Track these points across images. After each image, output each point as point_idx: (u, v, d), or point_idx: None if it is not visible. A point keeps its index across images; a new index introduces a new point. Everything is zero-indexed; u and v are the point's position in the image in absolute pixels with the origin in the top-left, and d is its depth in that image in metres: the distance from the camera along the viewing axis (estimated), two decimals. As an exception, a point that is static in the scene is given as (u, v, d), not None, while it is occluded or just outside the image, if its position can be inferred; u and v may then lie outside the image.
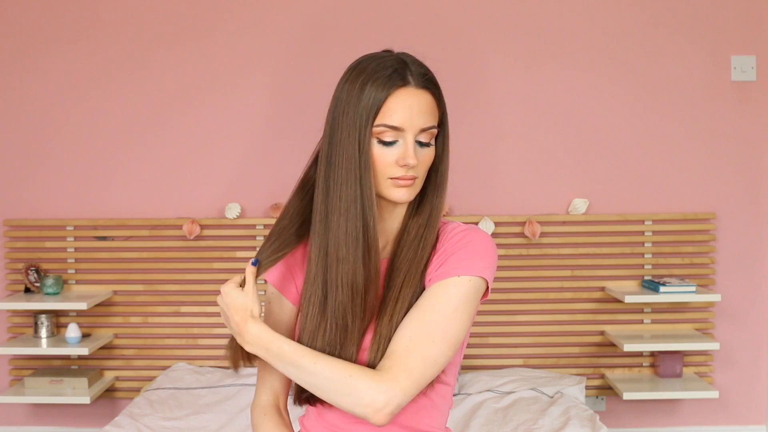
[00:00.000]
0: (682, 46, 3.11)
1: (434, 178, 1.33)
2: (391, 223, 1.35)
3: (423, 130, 1.26)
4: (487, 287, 1.30)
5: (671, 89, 3.12)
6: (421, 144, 1.27)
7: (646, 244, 3.11)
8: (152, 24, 3.13)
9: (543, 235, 3.10)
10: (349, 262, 1.26)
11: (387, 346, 1.25)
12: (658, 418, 3.18)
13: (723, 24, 3.11)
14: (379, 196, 1.29)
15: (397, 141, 1.25)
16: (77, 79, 3.15)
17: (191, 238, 3.10)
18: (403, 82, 1.25)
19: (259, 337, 1.24)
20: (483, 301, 1.31)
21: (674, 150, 3.13)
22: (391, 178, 1.26)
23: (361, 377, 1.21)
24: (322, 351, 1.27)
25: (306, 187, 1.35)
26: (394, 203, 1.32)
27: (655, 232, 3.11)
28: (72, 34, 3.14)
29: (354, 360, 1.27)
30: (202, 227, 3.12)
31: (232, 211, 3.09)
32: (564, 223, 3.11)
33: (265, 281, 1.40)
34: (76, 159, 3.16)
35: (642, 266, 3.11)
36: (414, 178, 1.27)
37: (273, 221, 3.10)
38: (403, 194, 1.27)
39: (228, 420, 2.63)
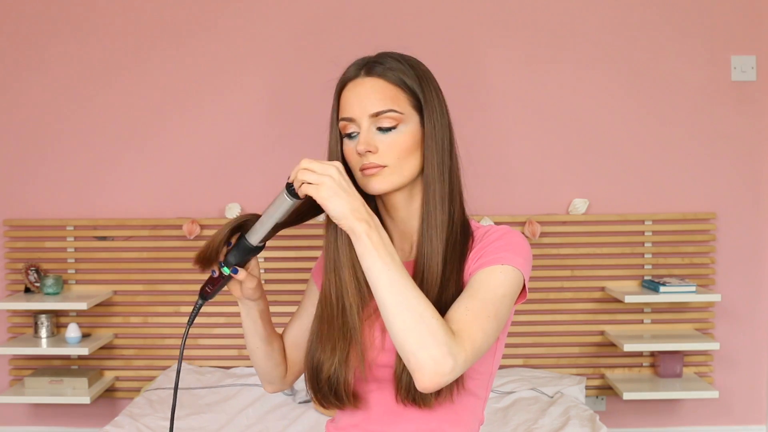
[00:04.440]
0: (682, 46, 3.11)
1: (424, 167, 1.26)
2: (409, 222, 1.30)
3: (376, 115, 1.22)
4: (524, 288, 1.23)
5: (671, 89, 3.12)
6: (382, 130, 1.22)
7: (646, 244, 3.11)
8: (151, 24, 3.13)
9: (543, 235, 3.10)
10: (342, 265, 1.25)
11: None
12: (658, 418, 3.18)
13: (723, 24, 3.11)
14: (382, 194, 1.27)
15: (358, 133, 1.24)
16: (77, 78, 3.15)
17: (191, 238, 3.10)
18: (351, 76, 1.26)
19: (373, 215, 1.12)
20: (519, 304, 1.24)
21: (674, 150, 3.13)
22: (361, 170, 1.23)
23: (445, 326, 1.08)
24: (330, 339, 1.25)
25: None
26: (408, 201, 1.28)
27: (655, 232, 3.10)
28: (72, 33, 3.14)
29: (369, 359, 1.25)
30: (202, 227, 3.11)
31: (232, 211, 3.09)
32: (564, 223, 3.11)
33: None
34: (76, 159, 3.16)
35: (642, 266, 3.11)
36: (379, 166, 1.22)
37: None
38: (374, 184, 1.22)
39: (228, 420, 2.63)
